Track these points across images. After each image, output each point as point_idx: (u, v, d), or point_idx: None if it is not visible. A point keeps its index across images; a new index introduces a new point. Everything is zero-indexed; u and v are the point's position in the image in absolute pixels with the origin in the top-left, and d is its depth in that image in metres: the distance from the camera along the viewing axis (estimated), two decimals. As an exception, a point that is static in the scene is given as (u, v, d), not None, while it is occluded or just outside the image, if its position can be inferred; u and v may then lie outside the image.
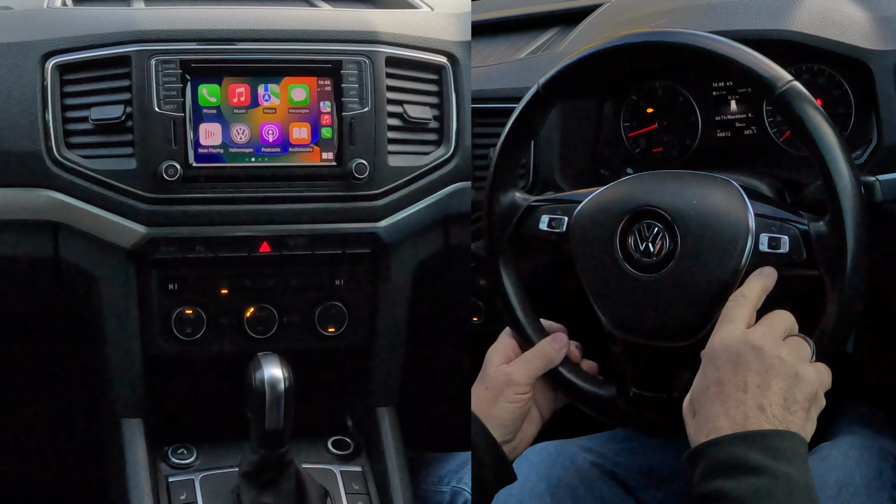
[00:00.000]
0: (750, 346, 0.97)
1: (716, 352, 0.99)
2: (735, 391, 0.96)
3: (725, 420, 0.95)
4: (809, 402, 0.97)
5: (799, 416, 0.96)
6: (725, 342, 0.99)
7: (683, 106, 1.47)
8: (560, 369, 1.20)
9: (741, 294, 1.04)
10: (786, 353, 0.98)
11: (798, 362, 0.98)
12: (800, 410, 0.96)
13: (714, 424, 0.95)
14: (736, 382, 0.96)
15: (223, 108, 1.39)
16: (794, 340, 1.01)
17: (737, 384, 0.96)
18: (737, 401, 0.95)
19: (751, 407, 0.94)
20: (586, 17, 1.60)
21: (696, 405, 0.99)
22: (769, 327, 1.00)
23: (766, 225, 1.08)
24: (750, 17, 1.36)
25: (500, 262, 1.24)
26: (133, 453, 1.44)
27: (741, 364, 0.97)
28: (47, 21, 1.43)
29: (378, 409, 1.54)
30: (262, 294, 1.46)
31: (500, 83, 1.51)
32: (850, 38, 1.29)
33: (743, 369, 0.96)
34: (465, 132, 1.50)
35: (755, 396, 0.95)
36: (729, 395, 0.96)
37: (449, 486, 1.55)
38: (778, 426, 0.94)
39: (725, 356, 0.98)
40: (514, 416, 1.16)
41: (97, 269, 1.41)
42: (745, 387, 0.96)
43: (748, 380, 0.96)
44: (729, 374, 0.97)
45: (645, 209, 1.13)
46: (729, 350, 0.98)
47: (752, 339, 0.98)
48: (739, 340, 0.98)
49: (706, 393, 0.98)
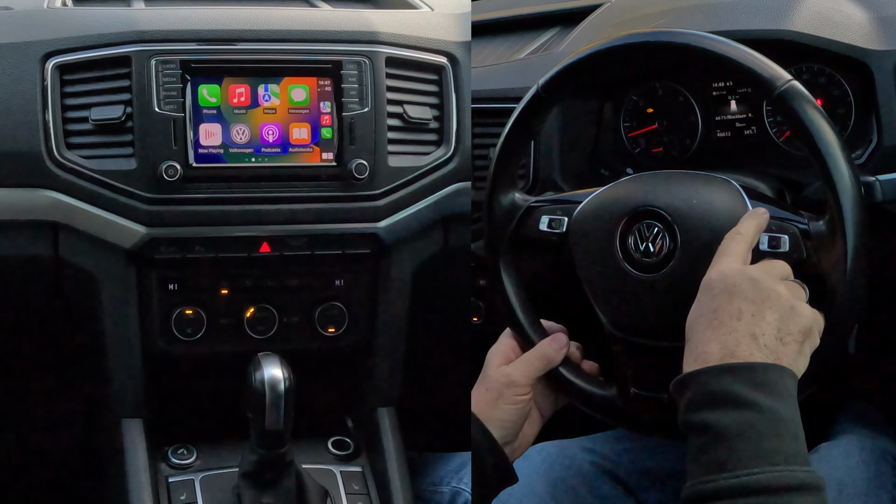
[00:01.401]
0: (747, 276, 0.97)
1: (712, 281, 0.99)
2: (728, 318, 0.95)
3: (716, 346, 0.94)
4: (803, 335, 0.97)
5: (791, 349, 0.95)
6: (723, 272, 0.99)
7: (683, 106, 1.47)
8: (560, 370, 1.20)
9: (737, 231, 1.04)
10: (782, 288, 0.98)
11: (794, 298, 0.98)
12: (793, 343, 0.95)
13: (704, 349, 0.94)
14: (730, 310, 0.96)
15: (223, 109, 1.39)
16: (791, 283, 1.01)
17: (731, 312, 0.96)
18: (729, 328, 0.95)
19: (743, 334, 0.94)
20: (586, 17, 1.60)
21: (689, 332, 0.99)
22: (767, 265, 1.01)
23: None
24: (750, 17, 1.36)
25: (501, 262, 1.24)
26: (133, 453, 1.44)
27: (737, 293, 0.96)
28: (47, 21, 1.43)
29: (378, 409, 1.54)
30: (261, 294, 1.46)
31: (500, 83, 1.51)
32: (850, 38, 1.29)
33: (738, 298, 0.96)
34: (465, 132, 1.50)
35: (748, 325, 0.94)
36: (722, 321, 0.95)
37: (449, 487, 1.55)
38: (769, 356, 0.93)
39: (722, 285, 0.98)
40: (514, 417, 1.16)
41: (97, 270, 1.41)
42: (739, 315, 0.95)
43: (742, 308, 0.95)
44: (724, 303, 0.96)
45: (645, 209, 1.12)
46: (725, 279, 0.98)
47: (749, 271, 0.98)
48: (737, 272, 0.98)
49: (700, 320, 0.98)
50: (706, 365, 0.93)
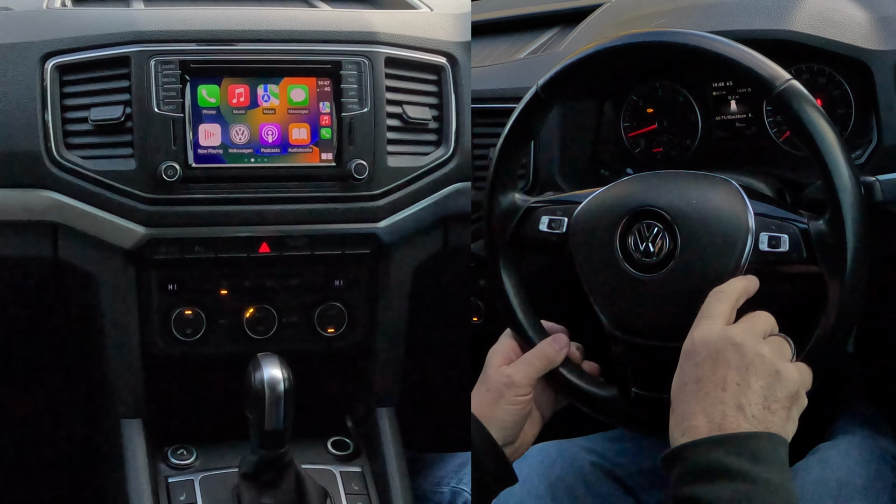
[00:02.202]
0: (730, 342, 0.96)
1: (695, 347, 0.97)
2: (713, 389, 0.94)
3: (703, 418, 0.93)
4: (790, 401, 0.96)
5: (779, 416, 0.94)
6: (705, 338, 0.97)
7: (683, 106, 1.47)
8: (561, 370, 1.20)
9: (721, 290, 1.03)
10: (766, 350, 0.96)
11: (779, 360, 0.96)
12: (780, 410, 0.94)
13: (691, 423, 0.94)
14: (715, 380, 0.95)
15: (222, 109, 1.39)
16: (775, 339, 1.00)
17: (715, 382, 0.94)
18: (715, 399, 0.94)
19: (729, 406, 0.93)
20: (586, 17, 1.60)
21: (674, 401, 0.98)
22: (750, 325, 0.99)
23: (765, 224, 1.08)
24: (750, 17, 1.36)
25: (501, 263, 1.24)
26: (133, 454, 1.44)
27: (721, 361, 0.95)
28: (47, 21, 1.43)
29: (378, 409, 1.54)
30: (261, 294, 1.46)
31: (500, 83, 1.51)
32: (850, 38, 1.29)
33: (722, 366, 0.95)
34: (464, 132, 1.50)
35: (734, 395, 0.93)
36: (707, 392, 0.94)
37: (449, 487, 1.55)
38: (757, 426, 0.92)
39: (704, 352, 0.96)
40: (515, 418, 1.15)
41: (97, 270, 1.41)
42: (724, 384, 0.94)
43: (727, 377, 0.94)
44: (708, 371, 0.95)
45: (645, 209, 1.12)
46: (708, 346, 0.97)
47: (732, 335, 0.97)
48: (719, 336, 0.97)
49: (684, 389, 0.97)
50: (693, 438, 0.92)
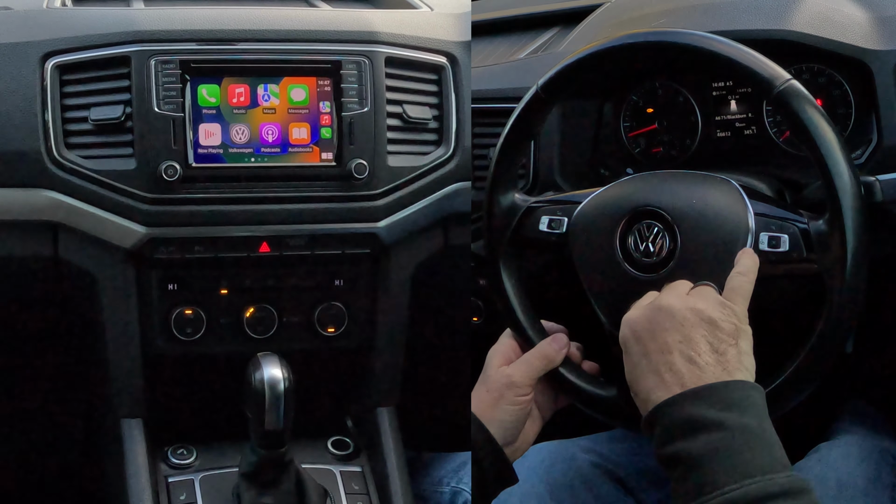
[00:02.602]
0: (656, 308, 0.99)
1: (628, 327, 1.01)
2: (660, 355, 0.96)
3: (662, 386, 0.95)
4: (734, 337, 0.96)
5: (731, 354, 0.95)
6: (632, 316, 1.01)
7: (683, 106, 1.47)
8: (561, 370, 1.20)
9: None
10: (692, 302, 0.98)
11: (708, 306, 0.98)
12: (729, 348, 0.95)
13: (656, 395, 0.95)
14: (657, 347, 0.96)
15: (223, 109, 1.39)
16: (697, 290, 1.02)
17: (660, 348, 0.96)
18: (666, 364, 0.95)
19: (681, 363, 0.94)
20: (586, 17, 1.60)
21: (634, 386, 0.99)
22: (671, 290, 1.02)
23: (765, 224, 1.08)
24: (750, 17, 1.36)
25: (501, 263, 1.24)
26: (133, 453, 1.44)
27: (657, 328, 0.97)
28: (47, 21, 1.43)
29: (378, 409, 1.54)
30: (261, 294, 1.46)
31: (500, 83, 1.51)
32: (850, 38, 1.29)
33: (660, 332, 0.97)
34: (464, 132, 1.50)
35: (682, 352, 0.95)
36: (657, 361, 0.96)
37: (449, 487, 1.55)
38: (714, 371, 0.93)
39: (638, 327, 0.99)
40: (515, 418, 1.15)
41: (97, 269, 1.41)
42: (668, 348, 0.96)
43: (668, 340, 0.96)
44: (649, 342, 0.97)
45: (645, 209, 1.13)
46: (640, 320, 1.00)
47: (657, 303, 0.99)
48: (646, 308, 1.00)
49: (637, 369, 0.99)
50: None
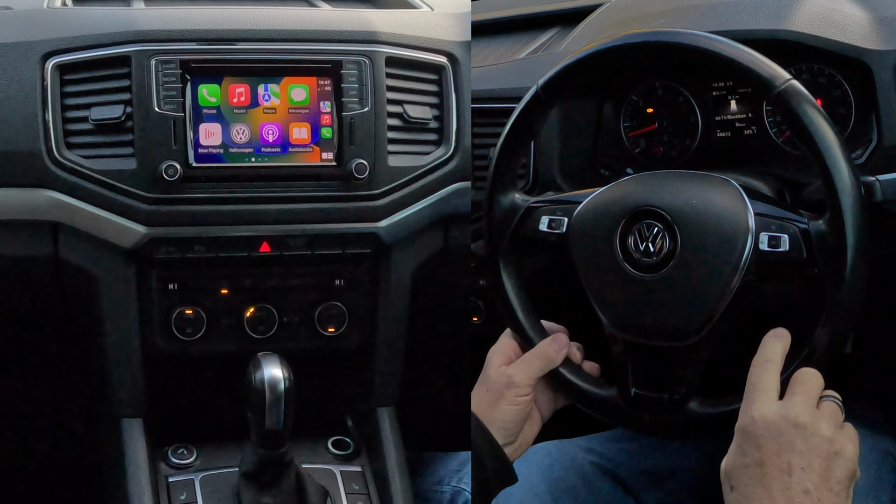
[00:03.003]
0: (792, 424, 0.95)
1: (756, 427, 0.96)
2: (779, 474, 0.94)
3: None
4: (850, 479, 0.96)
5: (841, 497, 0.94)
6: (766, 418, 0.96)
7: (683, 106, 1.47)
8: (561, 370, 1.20)
9: (766, 359, 1.01)
10: (825, 428, 0.96)
11: (838, 438, 0.96)
12: (842, 490, 0.94)
13: None
14: (779, 465, 0.94)
15: (223, 108, 1.39)
16: (829, 408, 0.99)
17: (780, 466, 0.94)
18: (781, 484, 0.93)
19: (796, 492, 0.92)
20: (586, 17, 1.60)
21: (735, 481, 0.96)
22: (805, 397, 0.98)
23: (765, 224, 1.08)
24: (750, 17, 1.36)
25: (501, 263, 1.24)
26: (133, 453, 1.44)
27: (784, 444, 0.95)
28: (47, 21, 1.43)
29: (378, 409, 1.54)
30: (262, 294, 1.46)
31: (500, 83, 1.51)
32: (850, 38, 1.29)
33: (786, 450, 0.94)
34: (465, 132, 1.50)
35: (800, 480, 0.93)
36: (773, 478, 0.94)
37: (449, 486, 1.55)
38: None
39: (767, 434, 0.95)
40: (515, 418, 1.15)
41: (97, 269, 1.41)
42: (789, 469, 0.93)
43: (792, 462, 0.94)
44: (772, 456, 0.95)
45: (645, 209, 1.13)
46: (770, 428, 0.96)
47: (793, 415, 0.96)
48: (779, 416, 0.96)
49: (747, 472, 0.95)
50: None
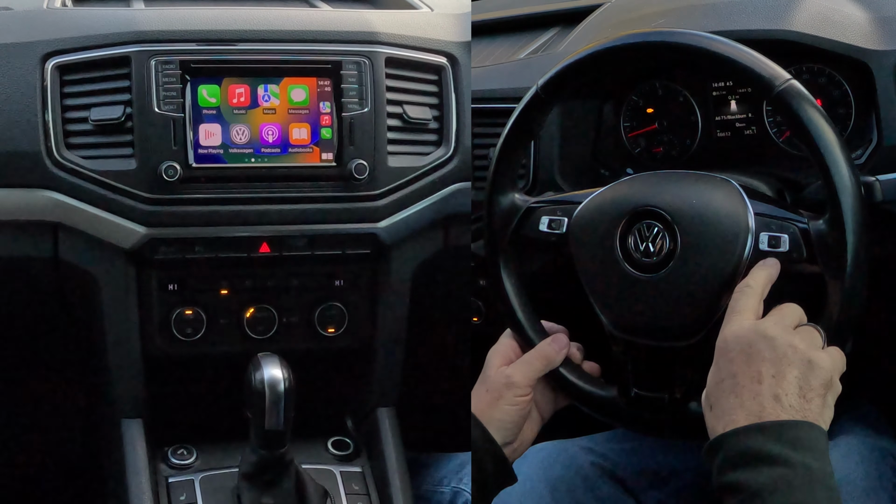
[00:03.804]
0: (762, 335, 0.97)
1: (728, 343, 0.99)
2: (749, 382, 0.96)
3: (741, 412, 0.95)
4: (825, 388, 0.97)
5: (815, 404, 0.95)
6: (737, 333, 0.99)
7: (683, 106, 1.47)
8: (561, 370, 1.20)
9: (746, 284, 1.04)
10: (798, 340, 0.98)
11: (811, 349, 0.98)
12: (816, 398, 0.96)
13: (731, 417, 0.95)
14: (750, 374, 0.96)
15: (223, 109, 1.39)
16: (805, 329, 1.01)
17: (751, 375, 0.96)
18: (752, 392, 0.95)
19: (766, 397, 0.94)
20: (586, 17, 1.60)
21: (712, 398, 0.99)
22: (779, 317, 1.00)
23: (765, 224, 1.08)
24: (750, 17, 1.36)
25: (501, 263, 1.24)
26: (133, 453, 1.44)
27: (754, 355, 0.97)
28: (47, 21, 1.43)
29: (378, 409, 1.54)
30: (261, 294, 1.46)
31: (500, 83, 1.51)
32: (850, 38, 1.29)
33: (756, 360, 0.96)
34: (465, 132, 1.50)
35: (770, 386, 0.95)
36: (744, 386, 0.96)
37: (449, 487, 1.55)
38: (795, 415, 0.94)
39: (738, 348, 0.98)
40: (514, 419, 1.16)
41: (97, 270, 1.41)
42: (759, 377, 0.96)
43: (762, 370, 0.96)
44: (742, 366, 0.97)
45: (645, 209, 1.13)
46: (740, 341, 0.98)
47: (763, 328, 0.98)
48: (750, 331, 0.98)
49: (721, 386, 0.98)
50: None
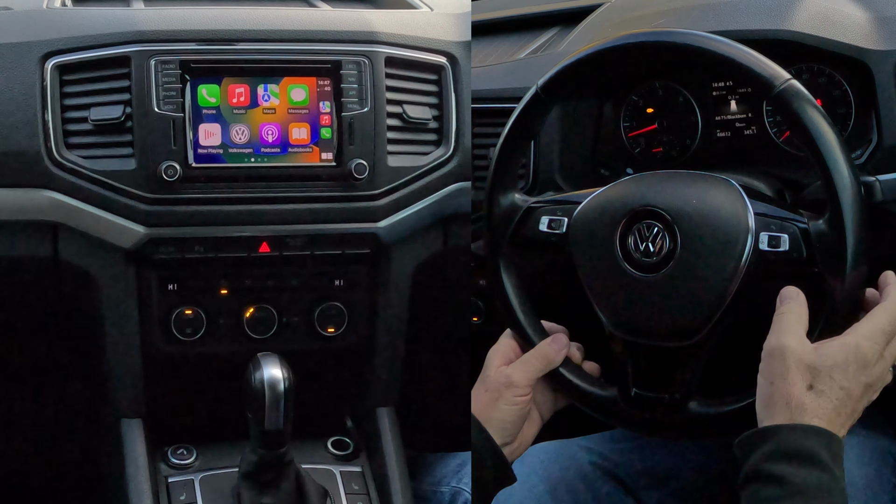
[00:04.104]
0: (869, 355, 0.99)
1: (857, 351, 0.99)
2: (845, 396, 0.97)
3: (818, 417, 0.95)
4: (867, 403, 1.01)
5: (854, 418, 0.99)
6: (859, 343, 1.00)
7: (683, 106, 1.47)
8: (561, 370, 1.20)
9: None
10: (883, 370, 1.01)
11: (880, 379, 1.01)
12: (856, 414, 1.00)
13: (803, 415, 0.95)
14: (852, 387, 0.98)
15: (223, 109, 1.39)
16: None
17: (850, 390, 0.97)
18: (843, 405, 0.97)
19: (838, 411, 0.96)
20: (586, 17, 1.60)
21: (788, 391, 0.98)
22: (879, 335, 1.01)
23: (765, 224, 1.08)
24: (750, 17, 1.36)
25: (501, 263, 1.24)
26: (133, 453, 1.44)
27: (859, 370, 0.98)
28: (47, 21, 1.43)
29: (378, 409, 1.54)
30: (261, 294, 1.46)
31: (500, 83, 1.51)
32: (850, 38, 1.29)
33: (859, 377, 0.98)
34: (464, 132, 1.50)
35: (856, 404, 0.98)
36: (841, 399, 0.97)
37: (449, 487, 1.55)
38: (845, 425, 0.97)
39: (855, 360, 0.99)
40: (513, 418, 1.16)
41: (97, 270, 1.41)
42: (854, 395, 0.98)
43: (864, 382, 0.98)
44: (852, 378, 0.98)
45: (645, 209, 1.13)
46: (858, 356, 0.99)
47: (866, 349, 0.99)
48: (865, 349, 0.99)
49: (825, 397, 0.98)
50: (794, 420, 0.95)
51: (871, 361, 0.98)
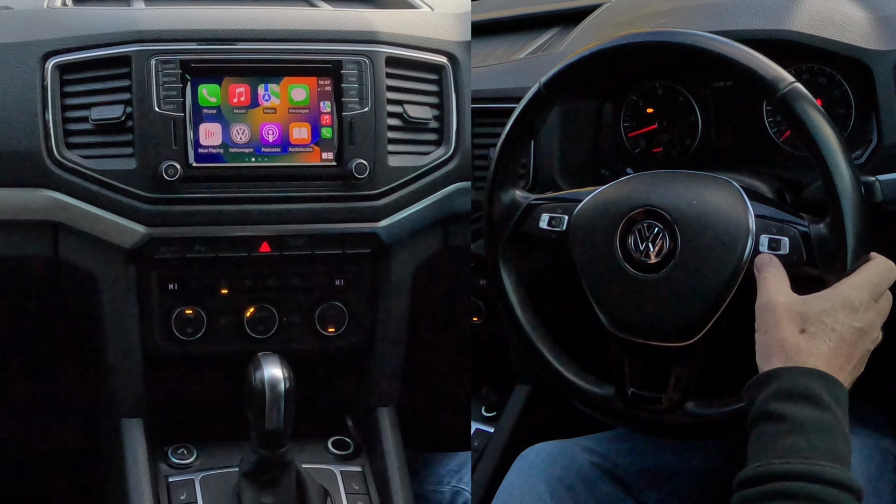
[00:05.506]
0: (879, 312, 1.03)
1: (852, 301, 1.01)
2: (841, 341, 0.99)
3: (820, 360, 0.97)
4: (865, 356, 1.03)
5: (858, 369, 1.02)
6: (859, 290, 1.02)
7: (683, 106, 1.47)
8: (560, 370, 1.20)
9: None
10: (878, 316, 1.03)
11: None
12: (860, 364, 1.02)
13: (808, 359, 0.97)
14: (848, 333, 1.00)
15: (223, 108, 1.39)
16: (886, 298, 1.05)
17: (845, 336, 0.99)
18: (847, 351, 0.99)
19: (854, 356, 0.99)
20: (586, 17, 1.60)
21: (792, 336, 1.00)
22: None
23: (766, 226, 1.08)
24: (750, 17, 1.36)
25: (500, 259, 1.24)
26: (133, 453, 1.44)
27: (860, 315, 1.01)
28: (47, 21, 1.43)
29: (378, 409, 1.54)
30: (262, 294, 1.46)
31: (500, 83, 1.51)
32: (850, 38, 1.29)
33: (861, 325, 1.00)
34: (465, 132, 1.50)
35: (858, 351, 1.00)
36: (838, 343, 0.99)
37: (449, 486, 1.55)
38: (846, 380, 0.99)
39: (850, 306, 1.01)
40: None
41: (97, 269, 1.41)
42: (853, 340, 1.00)
43: (860, 330, 1.00)
44: (848, 324, 1.00)
45: (645, 209, 1.13)
46: (857, 298, 1.01)
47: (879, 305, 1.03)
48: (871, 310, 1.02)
49: (821, 340, 0.99)
50: (790, 364, 0.97)
51: (858, 307, 1.00)
